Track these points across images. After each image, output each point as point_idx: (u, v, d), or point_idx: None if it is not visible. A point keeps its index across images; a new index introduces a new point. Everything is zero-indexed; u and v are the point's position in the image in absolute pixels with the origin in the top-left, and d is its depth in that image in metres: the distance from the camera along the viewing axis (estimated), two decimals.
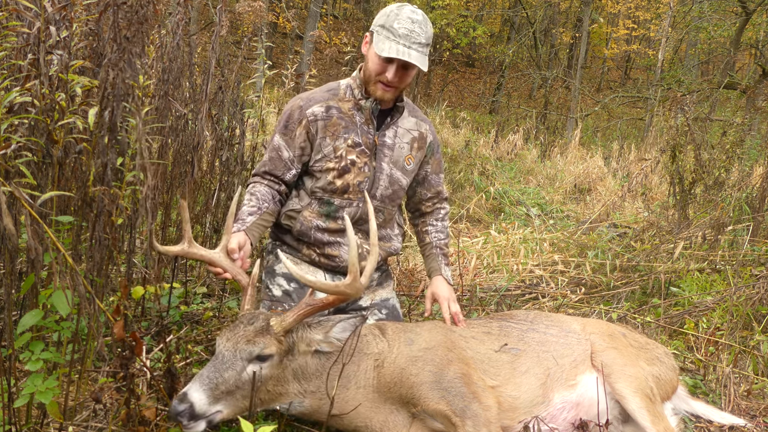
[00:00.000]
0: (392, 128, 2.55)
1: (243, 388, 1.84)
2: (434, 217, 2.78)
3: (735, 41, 12.87)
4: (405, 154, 2.58)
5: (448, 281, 2.63)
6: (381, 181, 2.53)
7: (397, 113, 2.55)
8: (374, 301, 2.66)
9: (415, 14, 2.33)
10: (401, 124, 2.58)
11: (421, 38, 2.31)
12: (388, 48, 2.29)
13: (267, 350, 1.88)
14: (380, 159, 2.52)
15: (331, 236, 2.52)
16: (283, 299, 2.51)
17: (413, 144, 2.60)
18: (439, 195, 2.78)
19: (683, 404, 2.47)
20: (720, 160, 5.37)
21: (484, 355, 2.22)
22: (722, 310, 3.55)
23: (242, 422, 1.38)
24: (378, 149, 2.52)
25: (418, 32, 2.31)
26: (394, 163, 2.55)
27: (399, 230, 2.76)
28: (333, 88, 2.54)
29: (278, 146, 2.49)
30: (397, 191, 2.60)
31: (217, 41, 3.03)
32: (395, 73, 2.35)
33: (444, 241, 2.75)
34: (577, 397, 2.22)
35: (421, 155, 2.65)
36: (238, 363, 1.85)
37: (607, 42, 24.57)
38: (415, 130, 2.61)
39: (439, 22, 16.03)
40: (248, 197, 2.44)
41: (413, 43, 2.30)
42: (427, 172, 2.72)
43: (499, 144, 11.04)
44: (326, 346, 1.99)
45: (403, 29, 2.30)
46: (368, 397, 2.05)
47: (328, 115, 2.46)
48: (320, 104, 2.47)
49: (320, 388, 2.00)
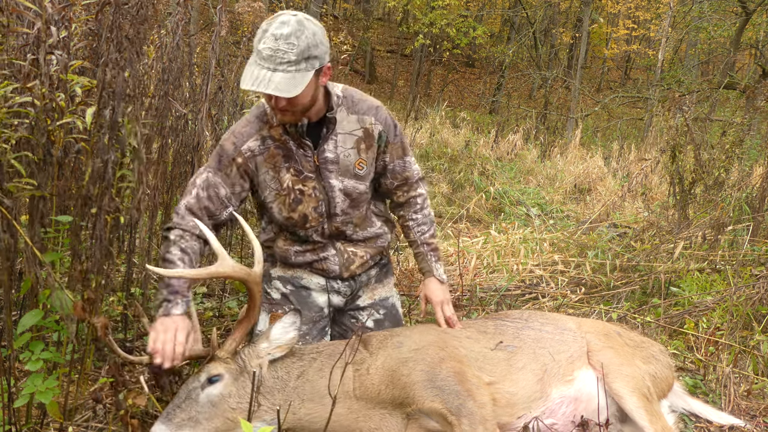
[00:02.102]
0: (331, 139, 2.31)
1: (204, 412, 1.91)
2: (412, 209, 2.55)
3: (735, 41, 12.87)
4: (353, 160, 2.35)
5: (440, 280, 2.54)
6: (336, 199, 2.36)
7: (330, 123, 2.29)
8: (373, 301, 2.61)
9: (284, 27, 1.99)
10: (340, 128, 2.32)
11: (289, 56, 1.98)
12: (247, 77, 2.01)
13: (213, 371, 1.97)
14: (327, 178, 2.33)
15: (312, 254, 2.46)
16: (282, 302, 2.49)
17: (359, 146, 2.36)
18: (407, 181, 2.52)
19: (680, 401, 2.48)
20: (720, 160, 5.36)
21: (479, 353, 2.22)
22: (722, 310, 3.55)
23: (242, 422, 1.38)
24: (321, 168, 2.32)
25: (284, 49, 1.98)
26: (344, 174, 2.35)
27: (380, 220, 2.57)
28: (261, 113, 2.30)
29: (213, 183, 2.24)
30: (357, 198, 2.41)
31: (217, 41, 3.03)
32: (277, 100, 2.07)
33: (428, 233, 2.56)
34: (575, 392, 2.23)
35: (373, 152, 2.40)
36: (193, 392, 1.94)
37: (607, 42, 24.58)
38: (358, 129, 2.35)
39: (439, 22, 16.04)
40: (180, 252, 2.11)
41: (280, 64, 1.98)
42: (386, 162, 2.46)
43: (499, 144, 11.04)
44: (278, 351, 2.04)
45: (267, 50, 1.99)
46: (351, 407, 2.04)
47: (264, 147, 2.27)
48: (254, 138, 2.27)
49: (288, 402, 1.99)
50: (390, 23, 26.81)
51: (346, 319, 2.62)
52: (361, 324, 2.57)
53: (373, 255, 2.57)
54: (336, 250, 2.47)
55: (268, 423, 1.97)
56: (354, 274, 2.53)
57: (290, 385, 2.02)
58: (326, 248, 2.46)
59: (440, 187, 7.79)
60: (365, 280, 2.60)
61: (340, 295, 2.55)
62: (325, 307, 2.52)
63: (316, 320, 2.49)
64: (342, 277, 2.50)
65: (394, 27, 24.98)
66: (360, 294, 2.61)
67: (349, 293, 2.58)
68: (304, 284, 2.50)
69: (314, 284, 2.51)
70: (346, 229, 2.45)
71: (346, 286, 2.55)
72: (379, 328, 2.55)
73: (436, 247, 2.58)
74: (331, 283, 2.52)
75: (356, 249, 2.50)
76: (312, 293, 2.50)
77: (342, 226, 2.43)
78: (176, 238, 2.14)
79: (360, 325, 2.56)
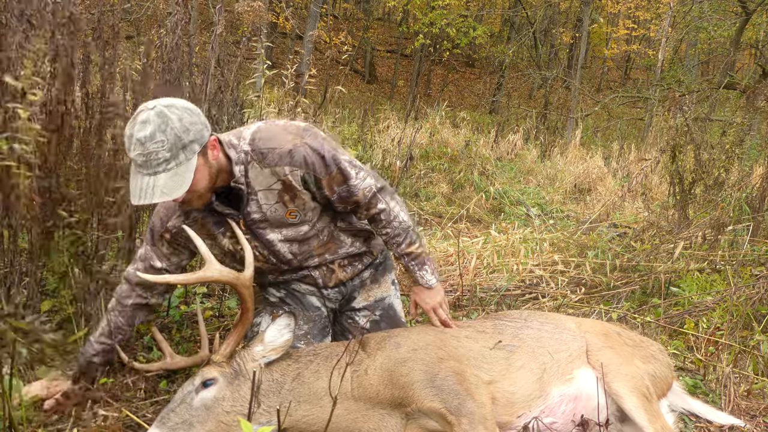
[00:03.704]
0: (252, 200, 2.17)
1: (197, 415, 1.92)
2: (380, 226, 2.35)
3: (735, 41, 12.86)
4: (282, 213, 2.22)
5: (428, 286, 2.42)
6: (281, 249, 2.30)
7: (240, 188, 2.14)
8: (368, 302, 2.57)
9: (145, 128, 1.85)
10: (258, 186, 2.15)
11: (162, 153, 1.86)
12: (134, 191, 1.90)
13: (208, 375, 1.98)
14: (262, 235, 2.25)
15: (292, 275, 2.44)
16: (279, 304, 2.47)
17: (283, 198, 2.19)
18: (359, 204, 2.29)
19: (680, 401, 2.48)
20: (720, 160, 5.36)
21: (478, 353, 2.22)
22: (722, 310, 3.55)
23: (242, 422, 1.38)
24: (253, 229, 2.23)
25: (154, 149, 1.85)
26: (279, 226, 2.25)
27: (349, 236, 2.45)
28: None
29: (150, 257, 2.24)
30: (304, 238, 2.31)
31: (217, 41, 3.03)
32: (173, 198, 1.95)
33: (404, 243, 2.36)
34: (575, 391, 2.23)
35: (303, 198, 2.22)
36: (188, 396, 1.96)
37: (607, 42, 24.56)
38: (275, 182, 2.16)
39: (439, 22, 16.03)
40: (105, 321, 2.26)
41: (157, 165, 1.86)
42: (327, 195, 2.25)
43: (499, 144, 11.03)
44: (273, 354, 2.05)
45: (139, 157, 1.86)
46: (349, 408, 2.04)
47: (190, 221, 2.20)
48: (177, 214, 2.20)
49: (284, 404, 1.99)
50: (390, 23, 26.81)
51: (343, 320, 2.61)
52: (358, 326, 2.54)
53: (352, 262, 2.50)
54: (316, 268, 2.44)
55: (263, 425, 1.97)
56: (340, 281, 2.50)
57: (285, 387, 2.02)
58: (303, 273, 2.44)
59: (440, 187, 7.79)
60: (358, 284, 2.56)
61: (332, 301, 2.55)
62: (322, 307, 2.52)
63: (316, 319, 2.48)
64: (329, 286, 2.49)
65: (394, 27, 24.98)
66: (355, 296, 2.58)
67: (341, 298, 2.56)
68: (295, 289, 2.50)
69: (305, 289, 2.50)
70: (310, 261, 2.39)
71: (336, 292, 2.53)
72: (375, 329, 2.51)
73: (418, 254, 2.39)
74: (321, 290, 2.51)
75: (334, 266, 2.46)
76: (306, 296, 2.50)
77: (304, 262, 2.38)
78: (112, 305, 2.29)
79: (357, 327, 2.53)
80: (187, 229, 2.11)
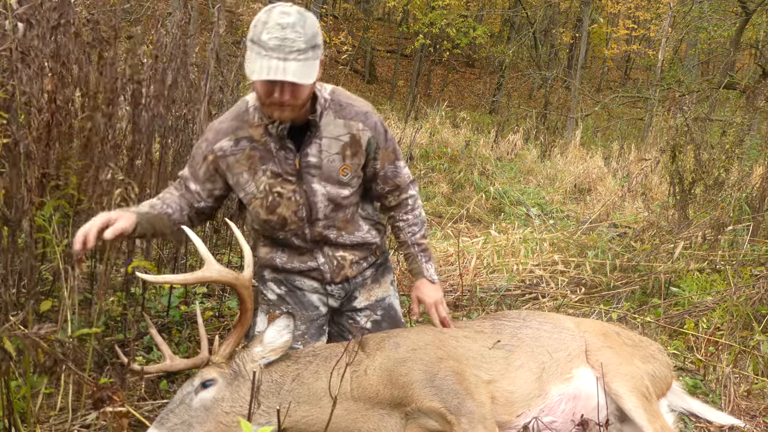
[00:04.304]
0: (314, 143, 2.23)
1: (196, 416, 1.93)
2: (403, 210, 2.48)
3: (735, 41, 12.85)
4: (337, 167, 2.27)
5: (431, 281, 2.49)
6: (319, 203, 2.30)
7: (314, 127, 2.22)
8: (369, 302, 2.57)
9: (287, 16, 1.95)
10: (326, 133, 2.24)
11: (298, 43, 1.95)
12: (259, 68, 1.95)
13: (207, 376, 1.99)
14: (309, 182, 2.26)
15: (298, 261, 2.42)
16: (278, 302, 2.47)
17: (345, 152, 2.27)
18: (399, 186, 2.45)
19: (679, 401, 2.47)
20: (720, 160, 5.37)
21: (477, 352, 2.22)
22: (722, 310, 3.55)
23: (242, 422, 1.38)
24: (303, 172, 2.25)
25: (292, 38, 1.94)
26: (327, 179, 2.28)
27: (368, 224, 2.50)
28: (241, 113, 2.26)
29: (186, 177, 2.30)
30: (341, 203, 2.34)
31: (217, 40, 3.03)
32: (283, 92, 2.01)
33: (419, 234, 2.50)
34: (574, 390, 2.23)
35: (360, 159, 2.31)
36: (187, 396, 1.96)
37: (607, 42, 24.55)
38: (345, 134, 2.26)
39: (439, 22, 16.03)
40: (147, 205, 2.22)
41: (290, 52, 1.94)
42: (377, 168, 2.38)
43: (499, 144, 11.04)
44: (272, 355, 2.05)
45: (273, 40, 1.93)
46: (348, 408, 2.04)
47: (238, 149, 2.22)
48: (229, 137, 2.23)
49: (283, 404, 1.99)
50: (390, 23, 26.80)
51: (343, 320, 2.60)
52: (358, 326, 2.54)
53: (364, 258, 2.52)
54: (325, 257, 2.43)
55: (262, 425, 1.97)
56: (347, 277, 2.50)
57: (285, 388, 2.02)
58: (313, 255, 2.42)
59: (440, 187, 7.79)
60: (360, 281, 2.56)
61: (335, 298, 2.54)
62: (321, 306, 2.51)
63: (314, 319, 2.48)
64: (335, 281, 2.48)
65: (394, 27, 24.97)
66: (356, 295, 2.57)
67: (344, 295, 2.56)
68: (297, 285, 2.49)
69: (308, 286, 2.49)
70: (330, 233, 2.39)
71: (339, 289, 2.52)
72: (377, 329, 2.52)
73: (427, 247, 2.52)
74: (325, 287, 2.50)
75: (345, 253, 2.45)
76: (306, 293, 2.49)
77: (324, 231, 2.37)
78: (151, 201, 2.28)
79: (358, 326, 2.53)
80: (187, 229, 2.10)
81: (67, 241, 2.29)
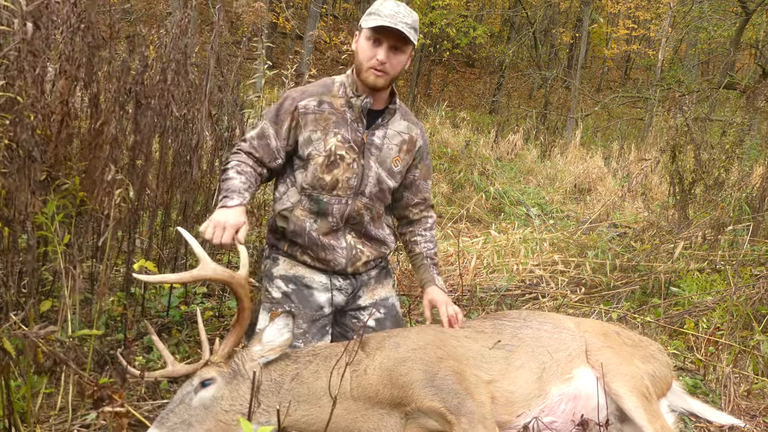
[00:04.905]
0: (382, 129, 2.55)
1: (196, 415, 1.93)
2: (422, 227, 2.77)
3: (735, 41, 12.85)
4: (393, 155, 2.57)
5: (442, 289, 2.66)
6: (369, 179, 2.53)
7: (389, 115, 2.56)
8: (373, 301, 2.65)
9: (399, 4, 2.39)
10: (392, 126, 2.58)
11: (407, 19, 2.36)
12: (379, 20, 2.33)
13: (206, 375, 1.99)
14: (368, 157, 2.52)
15: (324, 237, 2.51)
16: (282, 301, 2.50)
17: (402, 146, 2.60)
18: (425, 202, 2.77)
19: (680, 401, 2.47)
20: (720, 160, 5.37)
21: (477, 352, 2.22)
22: (722, 310, 3.55)
23: (242, 422, 1.38)
24: (366, 147, 2.51)
25: (404, 14, 2.35)
26: (381, 163, 2.55)
27: (389, 230, 2.74)
28: (327, 84, 2.56)
29: (268, 134, 2.50)
30: (384, 191, 2.59)
31: (217, 41, 3.02)
32: (386, 54, 2.38)
33: (433, 251, 2.76)
34: (574, 390, 2.23)
35: (410, 158, 2.64)
36: (186, 396, 1.97)
37: (607, 42, 24.56)
38: (405, 133, 2.61)
39: (439, 22, 16.03)
40: (237, 174, 2.40)
41: (399, 21, 2.34)
42: (415, 177, 2.71)
43: (499, 144, 11.04)
44: (271, 354, 2.06)
45: (389, 11, 2.35)
46: (348, 408, 2.04)
47: (319, 109, 2.48)
48: (313, 98, 2.49)
49: (283, 404, 1.99)
50: None
51: (347, 320, 2.65)
52: (362, 323, 2.59)
53: (376, 257, 2.66)
54: (346, 243, 2.54)
55: (262, 424, 1.96)
56: (358, 270, 2.59)
57: (284, 387, 2.02)
58: (338, 236, 2.53)
59: (440, 187, 7.79)
60: (366, 280, 2.65)
61: (342, 292, 2.59)
62: (326, 306, 2.54)
63: (316, 318, 2.49)
64: (346, 272, 2.55)
65: None
66: (360, 294, 2.65)
67: (351, 291, 2.62)
68: (306, 283, 2.52)
69: (317, 283, 2.53)
70: (364, 216, 2.55)
71: (347, 284, 2.59)
72: (380, 327, 2.59)
73: (438, 263, 2.78)
74: (334, 280, 2.55)
75: (363, 248, 2.59)
76: (314, 292, 2.52)
77: (362, 210, 2.53)
78: (234, 165, 2.43)
79: (361, 324, 2.58)
80: (182, 231, 2.14)
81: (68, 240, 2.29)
